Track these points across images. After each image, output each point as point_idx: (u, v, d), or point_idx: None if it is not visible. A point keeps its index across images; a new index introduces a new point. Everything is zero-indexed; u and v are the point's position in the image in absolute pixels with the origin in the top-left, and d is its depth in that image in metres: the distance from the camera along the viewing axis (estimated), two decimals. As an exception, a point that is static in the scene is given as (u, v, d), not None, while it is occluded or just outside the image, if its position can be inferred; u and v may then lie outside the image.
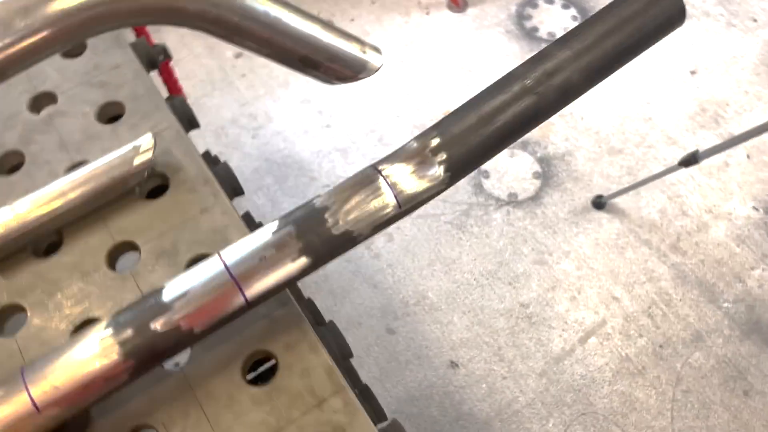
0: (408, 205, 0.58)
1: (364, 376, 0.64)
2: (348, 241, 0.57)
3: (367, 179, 0.57)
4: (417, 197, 0.58)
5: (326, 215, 0.56)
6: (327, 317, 0.71)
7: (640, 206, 1.85)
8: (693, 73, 2.11)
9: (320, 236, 0.56)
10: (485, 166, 1.90)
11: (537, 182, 1.92)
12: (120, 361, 0.51)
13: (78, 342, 0.51)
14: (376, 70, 0.56)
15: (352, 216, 0.56)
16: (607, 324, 1.68)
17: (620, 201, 1.86)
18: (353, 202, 0.56)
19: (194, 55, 2.24)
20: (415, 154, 0.59)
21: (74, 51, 0.79)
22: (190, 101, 0.87)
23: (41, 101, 0.76)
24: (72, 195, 0.64)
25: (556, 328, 1.68)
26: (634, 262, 1.77)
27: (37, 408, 0.50)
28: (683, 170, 1.85)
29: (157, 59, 0.87)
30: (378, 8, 2.34)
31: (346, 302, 1.73)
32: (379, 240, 1.83)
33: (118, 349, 0.51)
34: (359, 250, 1.81)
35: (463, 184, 1.91)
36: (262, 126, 2.06)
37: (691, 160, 1.47)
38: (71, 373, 0.50)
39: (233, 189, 0.73)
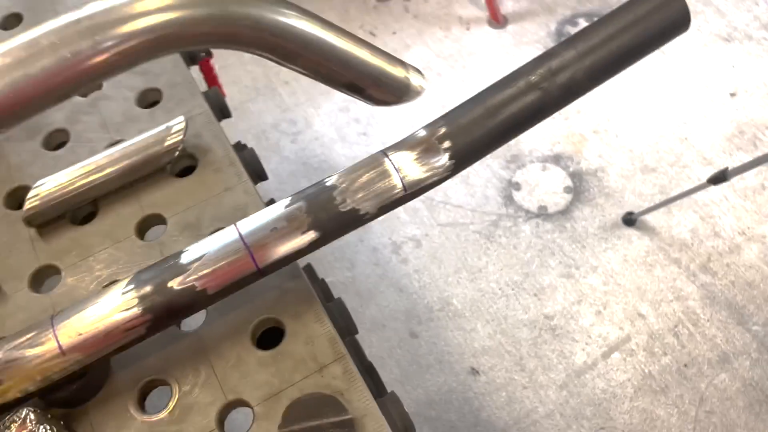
0: (413, 189, 0.62)
1: (385, 378, 0.67)
2: (355, 218, 0.61)
3: (375, 162, 0.61)
4: (422, 182, 0.62)
5: (335, 193, 0.60)
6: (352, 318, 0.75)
7: (671, 225, 1.84)
8: (733, 95, 2.09)
9: (328, 212, 0.60)
10: (516, 178, 1.93)
11: (568, 196, 1.93)
12: (139, 314, 0.56)
13: (102, 295, 0.57)
14: (419, 95, 0.58)
15: (359, 195, 0.60)
16: (631, 340, 1.68)
17: (651, 219, 1.85)
18: (361, 182, 0.60)
19: (241, 62, 2.33)
20: (422, 141, 0.62)
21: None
22: (234, 105, 0.93)
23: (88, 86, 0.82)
24: (109, 170, 0.70)
25: (580, 341, 1.69)
26: (662, 280, 1.76)
27: (62, 351, 0.55)
28: (717, 191, 1.85)
29: (197, 54, 0.93)
30: (419, 22, 2.39)
31: (371, 304, 1.77)
32: (407, 246, 1.87)
33: (138, 303, 0.55)
34: (386, 254, 1.85)
35: (494, 195, 1.94)
36: (301, 131, 2.13)
37: (720, 177, 1.47)
38: (94, 321, 0.55)
39: (257, 174, 0.78)
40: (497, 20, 2.34)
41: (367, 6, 2.47)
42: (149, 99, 0.81)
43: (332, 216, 0.60)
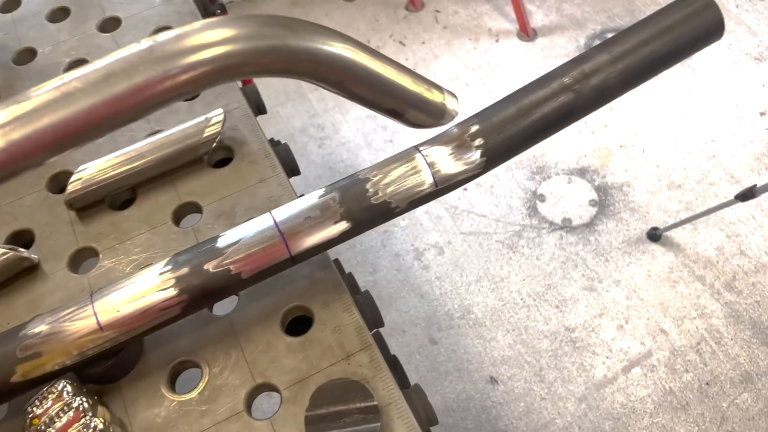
0: (444, 185, 0.63)
1: (403, 381, 0.69)
2: (386, 211, 0.62)
3: (408, 157, 0.63)
4: (453, 178, 0.63)
5: (368, 185, 0.61)
6: (379, 311, 0.76)
7: (697, 242, 1.83)
8: (762, 114, 2.08)
9: (360, 204, 0.61)
10: (542, 189, 1.93)
11: (593, 210, 1.92)
12: (175, 295, 0.57)
13: (140, 274, 0.58)
14: (453, 118, 0.60)
15: (391, 189, 0.62)
16: (652, 356, 1.66)
17: (676, 235, 1.84)
18: (393, 176, 0.62)
19: (271, 66, 2.37)
20: (455, 138, 0.64)
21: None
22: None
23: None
24: (148, 158, 0.72)
25: (600, 355, 1.68)
26: (685, 296, 1.75)
27: (100, 327, 0.57)
28: (744, 210, 1.83)
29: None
30: (449, 33, 2.41)
31: (392, 309, 1.78)
32: (429, 252, 1.88)
33: (174, 284, 0.57)
34: (409, 260, 1.87)
35: (518, 205, 1.94)
36: (328, 137, 2.15)
37: (748, 194, 1.46)
38: (132, 299, 0.57)
39: (290, 168, 0.80)
40: (527, 33, 2.35)
41: (398, 16, 2.50)
42: (188, 92, 0.83)
43: (364, 207, 0.61)
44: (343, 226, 0.61)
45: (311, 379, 0.60)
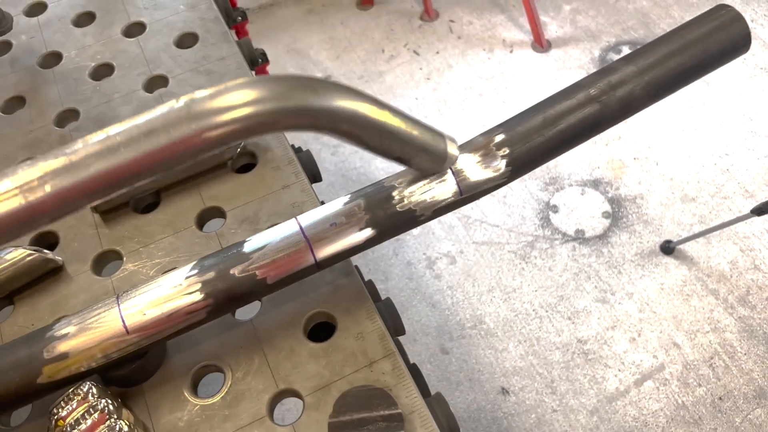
0: (468, 193, 0.63)
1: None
2: (410, 219, 0.62)
3: (434, 165, 0.63)
4: (478, 186, 0.63)
5: (393, 193, 0.62)
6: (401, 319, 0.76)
7: (710, 256, 1.82)
8: (778, 128, 2.07)
9: (385, 211, 0.61)
10: (555, 200, 1.93)
11: (606, 222, 1.92)
12: (201, 299, 0.58)
13: (166, 277, 0.59)
14: (453, 163, 0.63)
15: (416, 197, 0.62)
16: (665, 369, 1.65)
17: (689, 248, 1.83)
18: (419, 184, 0.62)
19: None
20: (480, 147, 0.64)
21: (187, 42, 0.90)
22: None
23: (155, 83, 0.86)
24: (173, 162, 0.73)
25: (613, 367, 1.67)
26: (699, 310, 1.74)
27: (126, 330, 0.57)
28: (758, 224, 1.83)
29: (257, 59, 0.96)
30: (463, 43, 2.42)
31: (403, 318, 1.76)
32: (441, 262, 1.88)
33: (200, 288, 0.58)
34: (420, 269, 1.86)
35: (531, 216, 1.94)
36: (341, 144, 2.16)
37: (764, 209, 1.45)
38: (158, 302, 0.57)
39: (312, 174, 0.80)
40: (541, 44, 2.35)
41: (412, 25, 2.51)
42: (212, 98, 0.84)
43: (389, 215, 0.62)
44: (368, 232, 0.61)
45: (334, 385, 0.60)
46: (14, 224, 0.42)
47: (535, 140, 0.64)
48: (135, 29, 0.94)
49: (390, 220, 0.62)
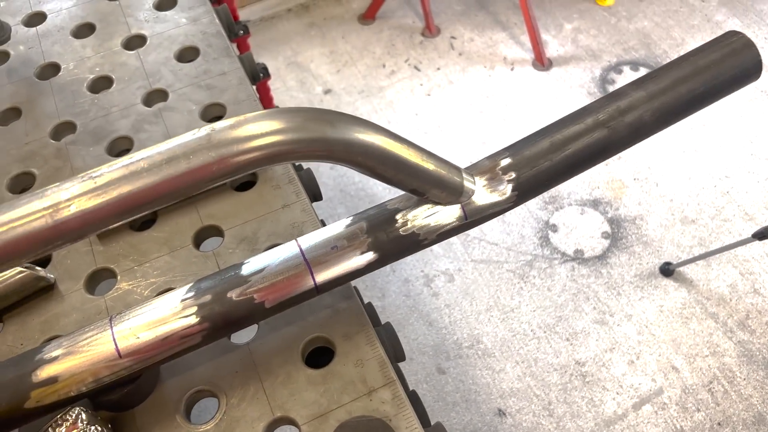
0: (473, 218, 0.62)
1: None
2: (414, 243, 0.61)
3: (438, 189, 0.61)
4: (483, 211, 0.62)
5: (397, 216, 0.60)
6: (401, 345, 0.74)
7: (710, 278, 1.81)
8: (778, 151, 2.07)
9: (388, 235, 0.60)
10: (554, 220, 1.92)
11: (605, 242, 1.91)
12: (197, 322, 0.56)
13: (162, 300, 0.57)
14: (470, 197, 0.62)
15: (419, 221, 0.60)
16: (663, 393, 1.63)
17: (689, 271, 1.82)
18: (423, 207, 0.61)
19: (287, 87, 2.38)
20: (486, 171, 0.63)
21: (188, 56, 0.88)
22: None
23: (154, 97, 0.84)
24: (171, 179, 0.71)
25: (611, 390, 1.65)
26: (698, 333, 1.72)
27: (119, 354, 0.55)
28: (758, 248, 1.81)
29: (258, 74, 0.95)
30: (464, 60, 2.42)
31: (400, 336, 1.74)
32: (439, 279, 1.86)
33: (196, 311, 0.56)
34: (418, 286, 1.85)
35: (530, 235, 1.93)
36: (340, 159, 2.14)
37: (766, 233, 1.44)
38: (153, 325, 0.56)
39: (313, 194, 0.78)
40: (542, 63, 2.35)
41: (414, 41, 2.50)
42: (212, 113, 0.82)
43: (392, 239, 0.60)
44: (369, 256, 0.60)
45: (332, 414, 0.58)
46: (40, 243, 0.44)
47: (542, 165, 0.62)
48: (135, 42, 0.93)
49: (392, 243, 0.60)
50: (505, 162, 0.62)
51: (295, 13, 2.68)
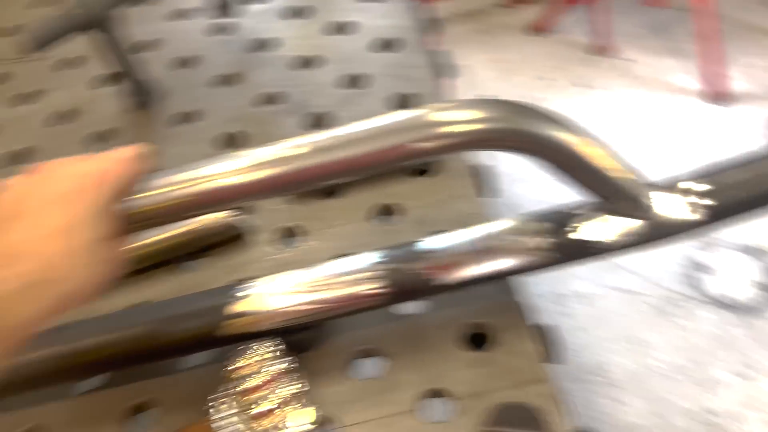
0: (656, 236, 0.62)
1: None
2: (581, 249, 0.62)
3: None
4: (668, 229, 0.61)
5: (573, 221, 0.61)
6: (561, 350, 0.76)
7: None
8: None
9: (562, 237, 0.61)
10: (704, 259, 1.83)
11: (760, 293, 1.79)
12: (381, 286, 0.61)
13: (355, 260, 0.63)
14: (658, 211, 0.62)
15: (598, 231, 0.61)
16: (801, 464, 1.51)
17: None
18: (604, 216, 0.62)
19: (445, 88, 2.43)
20: (675, 188, 0.62)
21: (384, 47, 0.95)
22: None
23: (349, 81, 0.91)
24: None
25: (741, 447, 1.55)
26: None
27: (310, 300, 0.61)
28: None
29: (449, 72, 1.00)
30: (629, 81, 2.35)
31: (525, 348, 1.74)
32: (570, 300, 1.83)
33: (383, 275, 0.61)
34: (549, 304, 1.83)
35: (675, 270, 1.85)
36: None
37: None
38: (343, 281, 0.61)
39: (492, 189, 0.81)
40: (717, 96, 2.23)
41: (579, 58, 2.47)
42: (405, 102, 0.88)
43: (564, 241, 0.61)
44: (541, 255, 0.62)
45: (487, 395, 0.61)
46: (273, 186, 0.51)
47: (741, 190, 0.61)
48: (337, 27, 1.01)
49: (565, 248, 0.62)
50: (702, 188, 0.61)
51: (465, 17, 2.73)
